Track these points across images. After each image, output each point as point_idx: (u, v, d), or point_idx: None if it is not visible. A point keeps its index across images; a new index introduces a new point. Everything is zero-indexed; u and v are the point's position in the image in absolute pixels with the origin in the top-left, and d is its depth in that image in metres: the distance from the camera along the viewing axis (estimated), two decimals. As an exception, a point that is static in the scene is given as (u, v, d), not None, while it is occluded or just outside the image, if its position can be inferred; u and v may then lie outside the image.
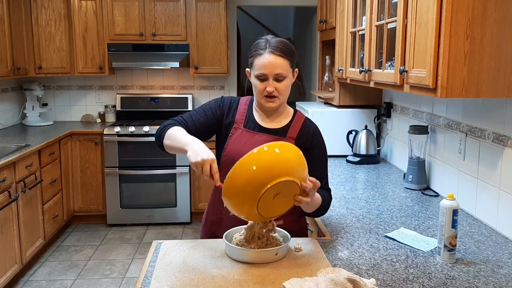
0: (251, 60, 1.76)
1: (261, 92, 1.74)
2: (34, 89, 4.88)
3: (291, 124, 1.84)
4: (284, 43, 1.73)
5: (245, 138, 1.81)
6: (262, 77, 1.72)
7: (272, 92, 1.72)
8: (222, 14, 4.81)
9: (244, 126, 1.83)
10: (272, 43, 1.71)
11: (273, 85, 1.72)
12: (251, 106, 1.88)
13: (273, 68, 1.69)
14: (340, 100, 3.37)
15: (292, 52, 1.74)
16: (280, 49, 1.70)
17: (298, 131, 1.83)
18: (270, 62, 1.69)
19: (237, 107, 1.87)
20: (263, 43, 1.72)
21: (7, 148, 3.67)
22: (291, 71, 1.75)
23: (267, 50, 1.70)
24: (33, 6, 4.64)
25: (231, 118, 1.85)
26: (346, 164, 3.14)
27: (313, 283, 1.34)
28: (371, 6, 2.34)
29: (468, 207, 2.15)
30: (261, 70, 1.70)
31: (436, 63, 1.66)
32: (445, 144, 2.39)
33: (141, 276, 1.51)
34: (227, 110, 1.86)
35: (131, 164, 4.65)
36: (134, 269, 3.85)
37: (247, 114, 1.85)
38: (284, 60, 1.71)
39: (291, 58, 1.74)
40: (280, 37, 1.81)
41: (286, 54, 1.71)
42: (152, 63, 4.82)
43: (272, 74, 1.70)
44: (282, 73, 1.71)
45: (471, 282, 1.47)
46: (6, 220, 3.28)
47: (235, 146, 1.80)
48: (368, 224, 1.99)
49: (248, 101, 1.90)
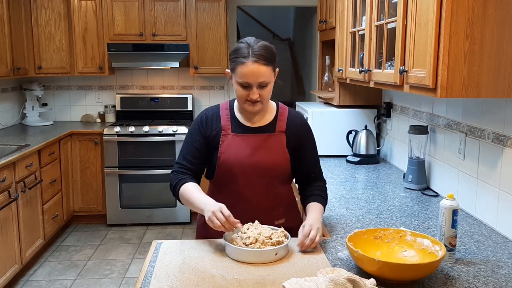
0: (232, 66, 1.74)
1: (243, 98, 1.74)
2: (34, 89, 4.88)
3: (277, 118, 1.85)
4: (266, 49, 1.71)
5: (237, 143, 1.81)
6: (246, 84, 1.71)
7: (255, 98, 1.72)
8: (222, 14, 4.81)
9: (233, 131, 1.82)
10: (255, 50, 1.69)
11: (256, 92, 1.71)
12: (232, 109, 1.88)
13: (257, 78, 1.69)
14: (340, 100, 3.37)
15: (274, 56, 1.74)
16: (264, 57, 1.69)
17: (286, 123, 1.85)
18: (254, 71, 1.68)
19: (219, 115, 1.86)
20: (246, 50, 1.69)
21: (7, 148, 3.67)
22: (273, 74, 1.75)
23: (250, 58, 1.68)
24: (33, 6, 4.63)
25: (217, 128, 1.84)
26: (346, 164, 3.14)
27: (313, 283, 1.34)
28: (371, 6, 2.34)
29: (468, 207, 2.15)
30: (244, 78, 1.70)
31: (436, 63, 1.66)
32: (445, 144, 2.39)
33: (141, 276, 1.51)
34: (210, 124, 1.85)
35: (131, 164, 4.65)
36: (134, 269, 3.85)
37: (230, 119, 1.85)
38: (267, 68, 1.70)
39: (274, 63, 1.74)
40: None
41: (269, 61, 1.70)
42: (152, 63, 4.82)
43: (256, 83, 1.70)
44: (265, 81, 1.71)
45: (471, 282, 1.47)
46: (6, 220, 3.27)
47: (229, 152, 1.80)
48: (368, 224, 1.99)
49: (227, 106, 1.89)
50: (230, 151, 1.80)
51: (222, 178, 1.83)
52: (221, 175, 1.83)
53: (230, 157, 1.79)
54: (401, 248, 1.61)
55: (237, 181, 1.81)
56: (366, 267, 1.46)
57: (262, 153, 1.80)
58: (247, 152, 1.79)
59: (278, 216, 1.86)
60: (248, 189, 1.81)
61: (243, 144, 1.80)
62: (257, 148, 1.80)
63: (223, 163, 1.80)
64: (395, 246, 1.62)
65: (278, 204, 1.87)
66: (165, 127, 4.65)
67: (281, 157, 1.82)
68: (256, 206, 1.81)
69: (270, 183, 1.82)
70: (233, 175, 1.80)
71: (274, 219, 1.84)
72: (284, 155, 1.82)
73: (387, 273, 1.41)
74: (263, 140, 1.81)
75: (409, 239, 1.62)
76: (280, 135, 1.83)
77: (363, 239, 1.61)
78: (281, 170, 1.83)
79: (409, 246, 1.60)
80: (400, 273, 1.41)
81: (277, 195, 1.86)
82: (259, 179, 1.80)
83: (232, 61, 1.75)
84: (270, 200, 1.84)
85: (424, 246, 1.56)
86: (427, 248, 1.55)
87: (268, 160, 1.80)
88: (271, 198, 1.84)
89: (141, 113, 5.15)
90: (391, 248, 1.62)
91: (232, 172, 1.79)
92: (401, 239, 1.63)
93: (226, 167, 1.80)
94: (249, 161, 1.78)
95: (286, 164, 1.83)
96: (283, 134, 1.83)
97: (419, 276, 1.44)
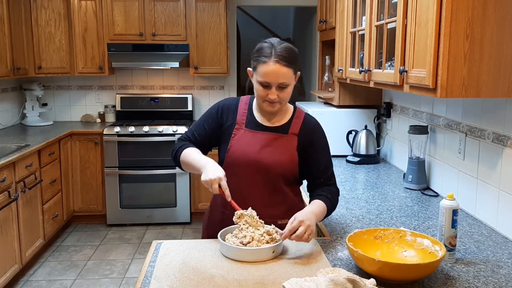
0: (254, 64, 1.75)
1: (262, 97, 1.76)
2: (34, 89, 4.88)
3: (292, 121, 1.86)
4: (289, 51, 1.72)
5: (247, 138, 1.83)
6: (266, 84, 1.72)
7: (274, 99, 1.74)
8: (222, 14, 4.81)
9: (246, 126, 1.85)
10: (278, 50, 1.70)
11: (275, 93, 1.73)
12: (251, 105, 1.90)
13: (277, 78, 1.70)
14: (340, 100, 3.37)
15: (296, 58, 1.75)
16: (286, 58, 1.70)
17: (300, 126, 1.85)
18: (275, 71, 1.69)
19: (237, 108, 1.88)
20: (268, 50, 1.71)
21: (7, 148, 3.67)
22: (294, 77, 1.76)
23: (272, 58, 1.69)
24: (33, 6, 4.63)
25: (232, 120, 1.87)
26: (346, 164, 3.14)
27: (313, 283, 1.34)
28: (371, 6, 2.34)
29: (468, 207, 2.15)
30: (265, 78, 1.71)
31: (436, 63, 1.66)
32: (445, 144, 2.39)
33: (141, 276, 1.51)
34: (226, 114, 1.88)
35: (131, 164, 4.65)
36: (134, 269, 3.85)
37: (247, 114, 1.87)
38: (288, 69, 1.71)
39: (295, 65, 1.74)
40: (281, 38, 1.82)
41: (290, 63, 1.71)
42: (152, 63, 4.82)
43: (276, 83, 1.72)
44: (285, 82, 1.72)
45: (471, 282, 1.47)
46: (6, 220, 3.27)
47: (238, 146, 1.82)
48: (368, 224, 1.99)
49: (248, 101, 1.91)
50: (239, 145, 1.83)
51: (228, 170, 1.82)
52: (228, 168, 1.83)
53: (238, 151, 1.82)
54: (401, 248, 1.61)
55: (241, 175, 1.82)
56: (366, 267, 1.46)
57: (268, 151, 1.81)
58: (255, 148, 1.81)
59: (281, 216, 1.85)
60: (250, 184, 1.82)
61: (253, 140, 1.83)
62: (265, 145, 1.81)
63: (231, 156, 1.83)
64: (395, 246, 1.62)
65: (279, 202, 1.86)
66: (165, 127, 4.65)
67: (287, 158, 1.82)
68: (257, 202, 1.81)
69: (271, 181, 1.82)
70: (238, 168, 1.82)
71: (277, 219, 1.83)
72: (291, 157, 1.82)
73: (387, 273, 1.41)
74: (273, 139, 1.83)
75: (409, 239, 1.62)
76: (291, 137, 1.84)
77: (363, 239, 1.61)
78: (284, 170, 1.82)
79: (409, 246, 1.60)
80: (400, 273, 1.41)
81: (279, 194, 1.85)
82: (260, 176, 1.81)
83: (254, 59, 1.76)
84: (271, 198, 1.84)
85: (424, 246, 1.56)
86: (427, 248, 1.55)
87: (272, 158, 1.80)
88: (272, 196, 1.84)
89: (141, 113, 5.15)
90: (391, 248, 1.62)
91: (237, 165, 1.82)
92: (401, 239, 1.63)
93: (233, 159, 1.83)
94: (254, 157, 1.80)
95: (290, 165, 1.83)
96: (295, 137, 1.84)
97: (419, 276, 1.44)
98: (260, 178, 1.81)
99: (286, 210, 1.86)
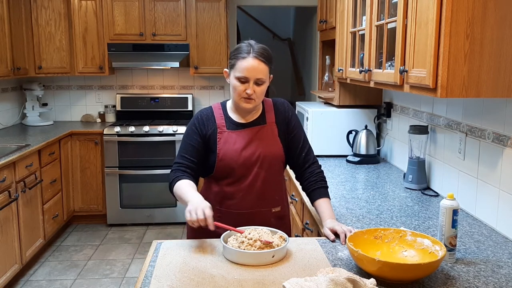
0: (233, 62, 1.85)
1: (240, 93, 1.84)
2: (34, 89, 4.88)
3: (265, 111, 1.97)
4: (266, 50, 1.85)
5: (233, 138, 1.91)
6: (244, 79, 1.82)
7: (251, 94, 1.82)
8: (222, 14, 4.81)
9: (227, 128, 1.93)
10: (256, 48, 1.82)
11: (252, 88, 1.82)
12: (225, 109, 1.99)
13: (255, 73, 1.80)
14: (340, 100, 3.37)
15: (272, 58, 1.87)
16: (263, 55, 1.82)
17: (274, 113, 1.96)
18: (253, 66, 1.80)
19: (213, 114, 1.96)
20: (246, 48, 1.83)
21: (7, 148, 3.67)
22: (268, 76, 1.86)
23: (251, 54, 1.81)
24: (33, 6, 4.63)
25: (213, 126, 1.93)
26: (346, 164, 3.14)
27: (313, 283, 1.34)
28: (371, 6, 2.34)
29: (468, 207, 2.15)
30: (243, 73, 1.80)
31: (436, 63, 1.66)
32: (445, 144, 2.39)
33: (141, 276, 1.51)
34: (206, 123, 1.94)
35: (131, 164, 4.65)
36: (134, 269, 3.85)
37: (224, 117, 1.95)
38: (265, 66, 1.82)
39: (271, 64, 1.86)
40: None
41: (267, 60, 1.83)
42: (152, 63, 4.82)
43: (254, 78, 1.81)
44: (262, 78, 1.83)
45: (471, 282, 1.47)
46: (6, 220, 3.28)
47: (227, 148, 1.89)
48: (368, 224, 1.99)
49: (220, 106, 2.00)
50: (228, 146, 1.89)
51: (221, 172, 1.91)
52: (220, 170, 1.91)
53: (229, 152, 1.88)
54: (401, 248, 1.61)
55: (236, 172, 1.89)
56: (366, 267, 1.46)
57: (257, 144, 1.90)
58: (243, 145, 1.89)
59: (275, 204, 1.96)
60: (246, 179, 1.89)
61: (239, 138, 1.90)
62: (252, 140, 1.90)
63: (222, 158, 1.89)
64: (395, 246, 1.62)
65: (274, 192, 1.97)
66: (165, 127, 4.65)
67: (274, 146, 1.93)
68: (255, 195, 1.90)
69: (266, 172, 1.91)
70: (232, 167, 1.88)
71: (271, 207, 1.94)
72: (277, 144, 1.93)
73: (387, 273, 1.41)
74: (256, 132, 1.92)
75: (409, 239, 1.62)
76: (271, 126, 1.95)
77: (363, 239, 1.61)
78: (276, 159, 1.93)
79: (409, 246, 1.60)
80: (400, 273, 1.41)
81: (274, 184, 1.96)
82: (253, 169, 1.89)
83: (232, 57, 1.86)
84: (268, 189, 1.93)
85: (424, 246, 1.56)
86: (427, 248, 1.55)
87: (263, 149, 1.90)
88: (269, 187, 1.93)
89: (141, 113, 5.15)
90: (391, 248, 1.62)
91: (231, 165, 1.88)
92: (401, 239, 1.63)
93: (225, 161, 1.88)
94: (245, 153, 1.88)
95: (280, 152, 1.94)
96: (274, 125, 1.95)
97: (419, 276, 1.44)
98: (253, 171, 1.89)
99: (278, 198, 1.98)
